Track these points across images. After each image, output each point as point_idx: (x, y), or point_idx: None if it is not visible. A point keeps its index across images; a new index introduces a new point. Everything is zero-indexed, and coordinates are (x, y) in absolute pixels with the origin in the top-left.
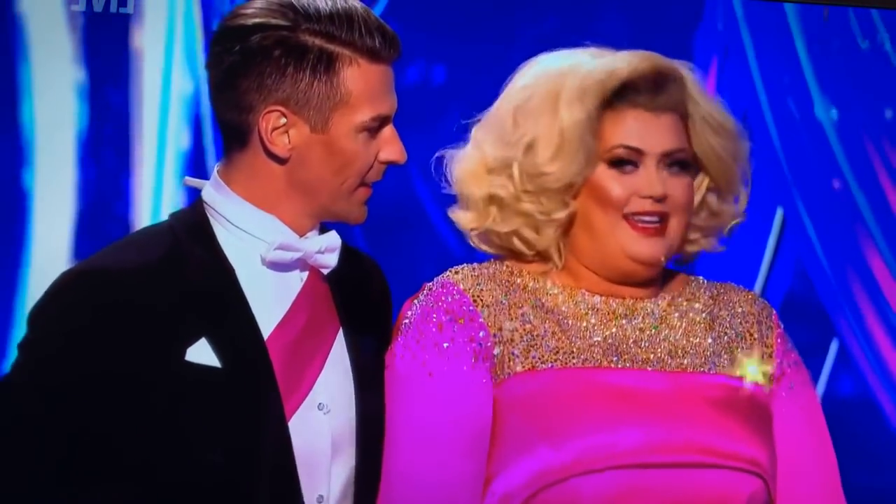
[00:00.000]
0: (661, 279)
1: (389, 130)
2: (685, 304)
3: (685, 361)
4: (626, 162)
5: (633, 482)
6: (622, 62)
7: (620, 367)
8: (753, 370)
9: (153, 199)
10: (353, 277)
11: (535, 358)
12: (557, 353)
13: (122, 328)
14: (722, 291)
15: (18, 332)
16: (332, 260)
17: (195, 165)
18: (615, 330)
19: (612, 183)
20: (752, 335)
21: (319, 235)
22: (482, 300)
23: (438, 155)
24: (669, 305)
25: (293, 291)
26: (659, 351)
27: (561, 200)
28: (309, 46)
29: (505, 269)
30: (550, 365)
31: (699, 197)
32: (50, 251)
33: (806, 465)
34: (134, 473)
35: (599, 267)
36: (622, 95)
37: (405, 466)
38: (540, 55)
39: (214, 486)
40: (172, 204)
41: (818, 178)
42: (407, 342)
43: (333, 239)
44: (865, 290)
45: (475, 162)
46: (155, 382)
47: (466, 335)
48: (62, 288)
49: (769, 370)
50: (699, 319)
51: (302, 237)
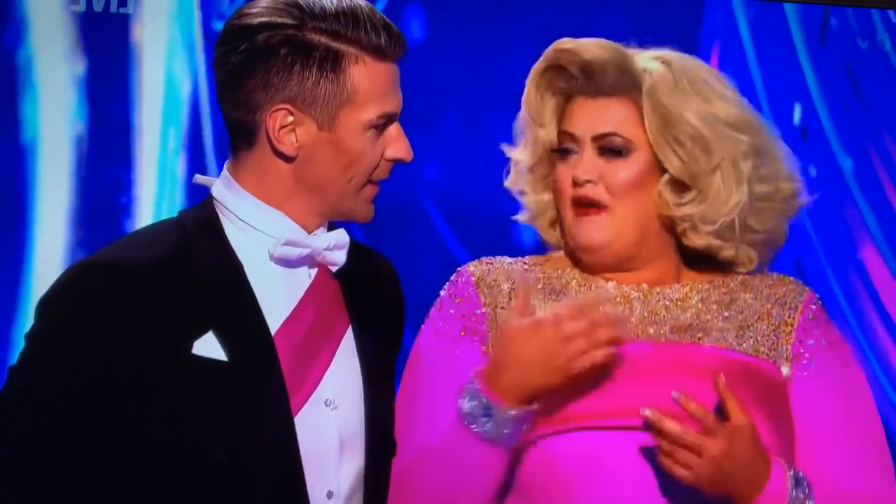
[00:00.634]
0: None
1: (396, 128)
2: (709, 288)
3: (686, 336)
4: (566, 151)
5: (602, 444)
6: (562, 49)
7: None
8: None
9: (153, 198)
10: (363, 275)
11: None
12: None
13: (129, 320)
14: (756, 278)
15: (19, 330)
16: (340, 257)
17: (194, 165)
18: (622, 309)
19: (558, 171)
20: (770, 315)
21: (328, 233)
22: (484, 282)
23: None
24: (692, 290)
25: (301, 288)
26: (663, 328)
27: (535, 190)
28: (315, 44)
29: (531, 261)
30: None
31: (657, 189)
32: (49, 249)
33: (823, 443)
34: (139, 465)
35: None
36: (571, 83)
37: (406, 437)
38: None
39: (219, 479)
40: (172, 202)
41: (818, 177)
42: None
43: (342, 236)
44: (865, 290)
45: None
46: (161, 375)
47: (460, 312)
48: (72, 279)
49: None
50: (717, 300)
51: (310, 234)
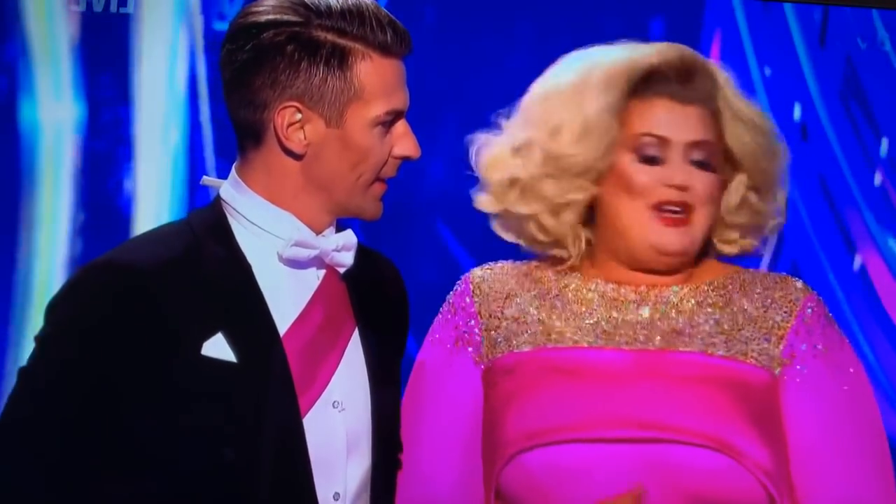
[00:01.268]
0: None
1: (403, 125)
2: (708, 291)
3: (676, 341)
4: (652, 158)
5: (579, 457)
6: (651, 51)
7: (597, 346)
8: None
9: (153, 198)
10: (369, 277)
11: (516, 342)
12: (536, 335)
13: (140, 321)
14: (757, 279)
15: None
16: (347, 258)
17: (195, 165)
18: (615, 314)
19: (638, 172)
20: (764, 318)
21: (336, 234)
22: (480, 290)
23: (467, 140)
24: (690, 292)
25: (310, 289)
26: (653, 333)
27: (581, 184)
28: (321, 41)
29: (532, 265)
30: (529, 347)
31: (738, 196)
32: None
33: (815, 448)
34: (148, 466)
35: (624, 257)
36: (650, 85)
37: (406, 449)
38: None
39: (227, 480)
40: (173, 203)
41: (818, 178)
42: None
43: (350, 237)
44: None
45: (501, 146)
46: (170, 376)
47: (455, 322)
48: (82, 280)
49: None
50: (712, 302)
51: (319, 235)
